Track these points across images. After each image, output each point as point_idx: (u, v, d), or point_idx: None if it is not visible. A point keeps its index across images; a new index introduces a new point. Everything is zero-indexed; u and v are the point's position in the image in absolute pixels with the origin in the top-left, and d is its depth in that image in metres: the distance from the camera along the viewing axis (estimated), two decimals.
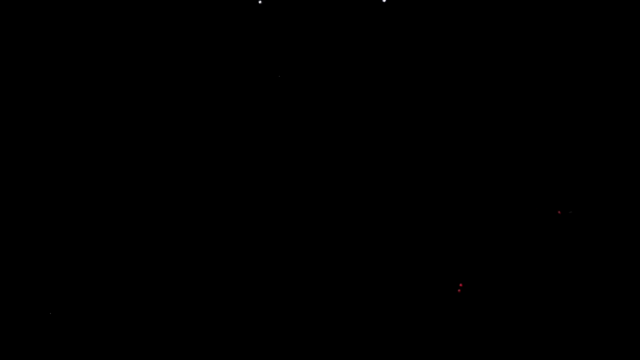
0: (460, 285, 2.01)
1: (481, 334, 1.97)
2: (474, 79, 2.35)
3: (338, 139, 2.42)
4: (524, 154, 2.24)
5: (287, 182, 2.48)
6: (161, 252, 2.42)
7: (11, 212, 2.34)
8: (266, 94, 2.65)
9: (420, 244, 2.18)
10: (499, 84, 2.35)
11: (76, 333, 2.09)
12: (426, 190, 2.23)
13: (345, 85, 2.48)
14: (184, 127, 2.62)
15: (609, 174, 2.21)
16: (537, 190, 2.16)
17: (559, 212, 2.12)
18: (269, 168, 2.58)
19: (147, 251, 2.42)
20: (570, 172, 2.16)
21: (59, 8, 2.58)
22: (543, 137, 2.24)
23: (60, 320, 2.11)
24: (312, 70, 2.55)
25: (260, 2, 2.72)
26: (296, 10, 2.66)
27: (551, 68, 2.31)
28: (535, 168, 2.22)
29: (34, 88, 2.51)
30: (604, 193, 2.13)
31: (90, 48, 2.60)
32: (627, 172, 2.21)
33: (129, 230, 2.45)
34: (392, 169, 2.36)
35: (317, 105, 2.46)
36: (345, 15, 2.56)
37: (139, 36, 2.65)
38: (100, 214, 2.45)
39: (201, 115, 2.64)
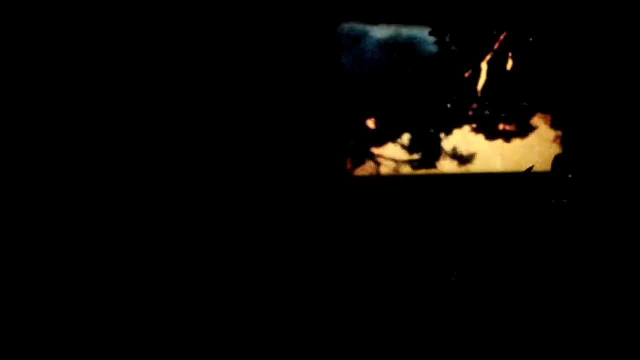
0: (455, 273, 2.03)
1: (475, 317, 1.97)
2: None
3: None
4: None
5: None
6: (160, 251, 2.42)
7: (11, 212, 2.35)
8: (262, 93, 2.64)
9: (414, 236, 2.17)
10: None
11: (76, 333, 2.11)
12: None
13: None
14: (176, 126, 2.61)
15: (604, 159, 2.20)
16: (530, 179, 2.16)
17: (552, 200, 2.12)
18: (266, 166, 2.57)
19: (147, 250, 2.42)
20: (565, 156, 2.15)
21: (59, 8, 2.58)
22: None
23: (60, 320, 2.13)
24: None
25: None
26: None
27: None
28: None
29: (34, 88, 2.52)
30: (597, 182, 2.13)
31: (90, 48, 2.60)
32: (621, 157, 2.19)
33: (129, 229, 2.45)
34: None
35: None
36: None
37: (139, 36, 2.65)
38: (100, 213, 2.46)
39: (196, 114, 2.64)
